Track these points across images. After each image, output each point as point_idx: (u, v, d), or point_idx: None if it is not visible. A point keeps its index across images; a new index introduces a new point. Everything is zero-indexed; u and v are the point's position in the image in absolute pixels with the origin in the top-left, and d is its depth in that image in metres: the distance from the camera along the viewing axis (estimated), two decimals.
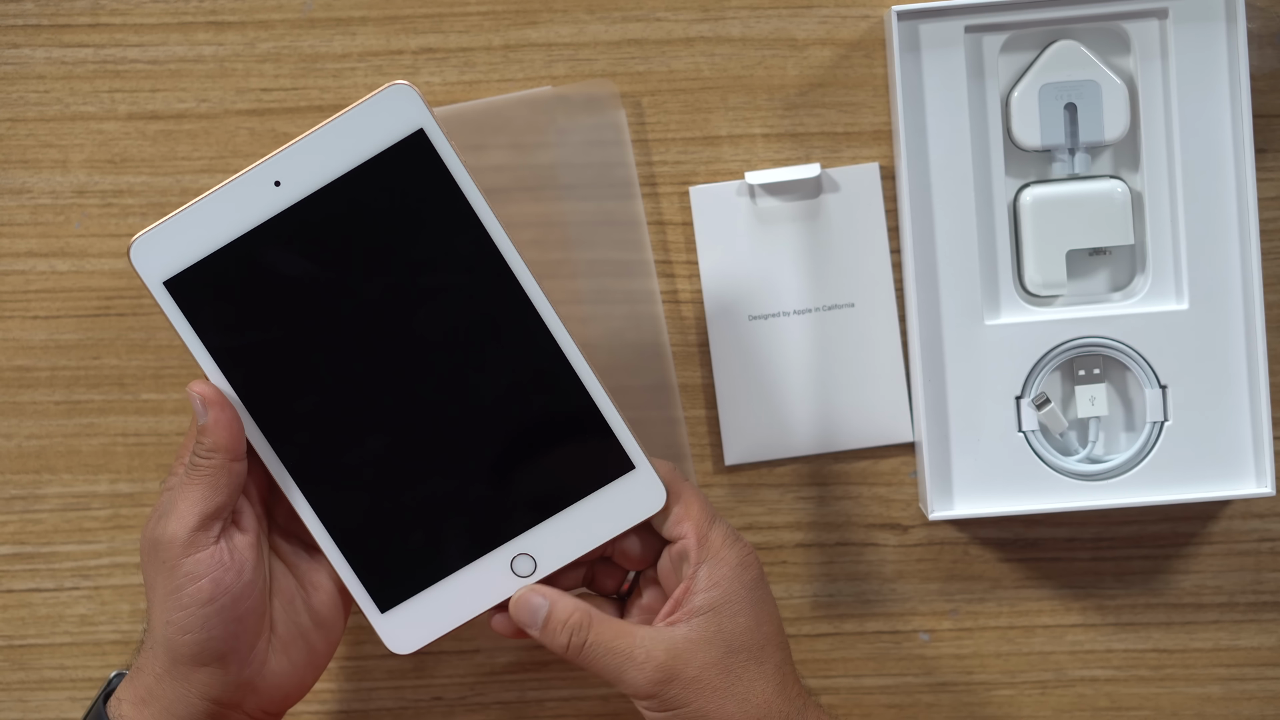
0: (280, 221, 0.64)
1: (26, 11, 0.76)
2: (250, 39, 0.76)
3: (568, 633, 0.65)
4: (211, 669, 0.64)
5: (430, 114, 0.63)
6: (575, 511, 0.66)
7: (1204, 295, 0.73)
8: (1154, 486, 0.74)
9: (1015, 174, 0.75)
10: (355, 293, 0.64)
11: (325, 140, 0.63)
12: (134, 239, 0.64)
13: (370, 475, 0.66)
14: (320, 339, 0.65)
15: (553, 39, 0.76)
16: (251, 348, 0.65)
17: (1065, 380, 0.75)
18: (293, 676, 0.67)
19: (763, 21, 0.75)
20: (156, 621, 0.64)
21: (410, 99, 0.63)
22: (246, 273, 0.64)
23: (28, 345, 0.77)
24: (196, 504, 0.64)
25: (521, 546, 0.66)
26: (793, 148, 0.76)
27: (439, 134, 0.63)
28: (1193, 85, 0.73)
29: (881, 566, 0.78)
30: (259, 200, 0.64)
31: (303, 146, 0.63)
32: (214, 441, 0.64)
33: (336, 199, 0.64)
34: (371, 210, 0.64)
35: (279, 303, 0.64)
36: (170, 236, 0.64)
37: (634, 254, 0.76)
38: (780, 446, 0.76)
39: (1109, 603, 0.77)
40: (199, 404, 0.64)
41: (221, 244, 0.64)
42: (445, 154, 0.63)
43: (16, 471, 0.77)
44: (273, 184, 0.64)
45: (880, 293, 0.76)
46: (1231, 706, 0.78)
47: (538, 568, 0.66)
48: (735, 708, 0.64)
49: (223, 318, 0.65)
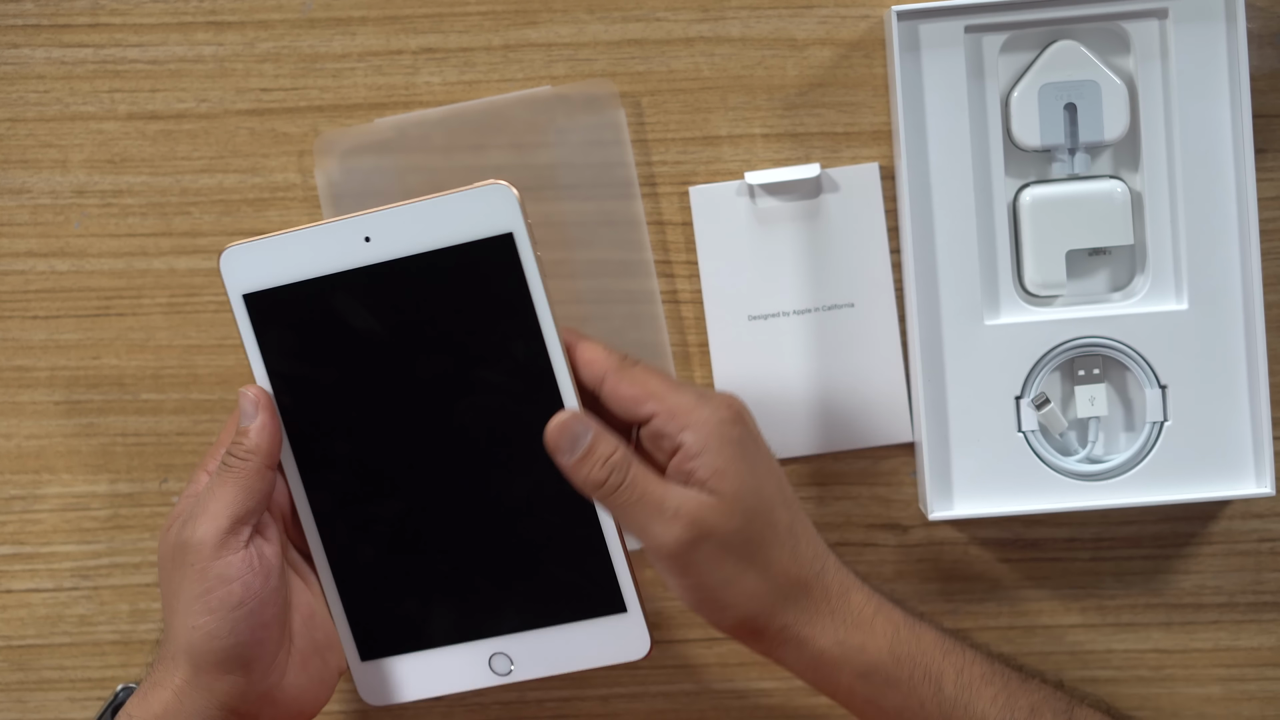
0: (361, 274, 0.65)
1: (26, 11, 0.76)
2: (250, 39, 0.76)
3: (607, 469, 0.62)
4: (235, 677, 0.64)
5: (524, 220, 0.64)
6: (560, 632, 0.67)
7: (1204, 295, 0.73)
8: (1154, 487, 0.74)
9: (1015, 174, 0.75)
10: (410, 362, 0.66)
11: (422, 213, 0.65)
12: (227, 247, 0.66)
13: (380, 531, 0.67)
14: (367, 392, 0.66)
15: (553, 39, 0.76)
16: (304, 379, 0.66)
17: (1065, 380, 0.75)
18: (308, 692, 0.67)
19: (763, 21, 0.75)
20: (179, 628, 0.64)
21: (509, 202, 0.64)
22: (318, 311, 0.66)
23: (27, 345, 0.77)
24: (229, 506, 0.64)
25: (502, 646, 0.68)
26: (793, 148, 0.76)
27: (526, 242, 0.64)
28: (1192, 85, 0.73)
29: (881, 567, 0.77)
30: (348, 248, 0.65)
31: (401, 213, 0.65)
32: (255, 444, 0.64)
33: (417, 270, 0.65)
34: (445, 291, 0.65)
35: (339, 347, 0.66)
36: (260, 255, 0.66)
37: (634, 254, 0.76)
38: (780, 446, 0.76)
39: (1109, 603, 0.77)
40: (249, 404, 0.65)
41: (304, 277, 0.65)
42: (527, 263, 0.64)
43: (16, 471, 0.77)
44: (364, 238, 0.65)
45: (880, 293, 0.76)
46: (1231, 707, 0.78)
47: (514, 670, 0.68)
48: (755, 578, 0.63)
49: (286, 344, 0.66)
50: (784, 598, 0.64)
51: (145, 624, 0.78)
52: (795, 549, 0.64)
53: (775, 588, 0.63)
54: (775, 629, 0.64)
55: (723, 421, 0.63)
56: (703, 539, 0.62)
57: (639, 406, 0.63)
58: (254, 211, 0.76)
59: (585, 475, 0.63)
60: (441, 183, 0.75)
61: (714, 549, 0.62)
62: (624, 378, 0.63)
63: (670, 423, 0.63)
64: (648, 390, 0.63)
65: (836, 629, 0.64)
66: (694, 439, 0.62)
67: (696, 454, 0.62)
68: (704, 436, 0.62)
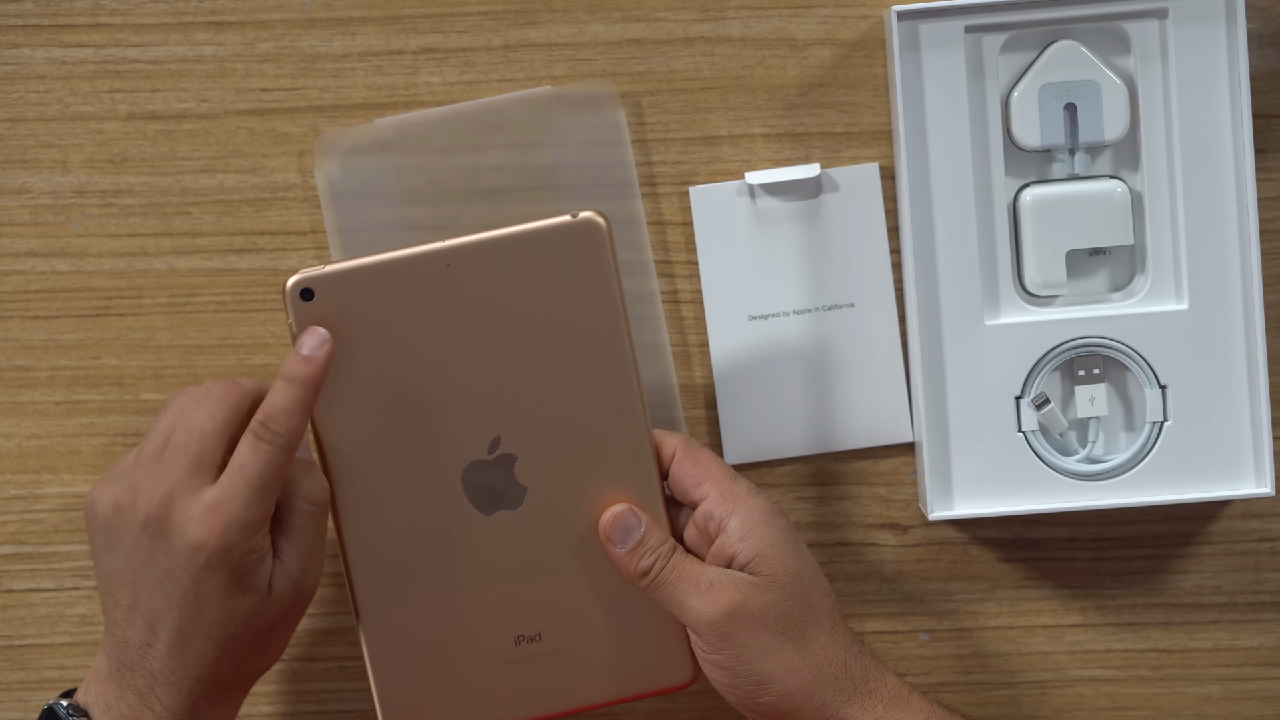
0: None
1: (27, 11, 0.76)
2: (250, 39, 0.76)
3: (654, 557, 0.65)
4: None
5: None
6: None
7: (1204, 295, 0.73)
8: (1154, 486, 0.74)
9: (1015, 174, 0.75)
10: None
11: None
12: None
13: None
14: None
15: (553, 39, 0.76)
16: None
17: (1065, 380, 0.75)
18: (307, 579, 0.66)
19: (763, 21, 0.75)
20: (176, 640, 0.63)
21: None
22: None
23: (28, 345, 0.77)
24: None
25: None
26: (793, 148, 0.76)
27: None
28: (1192, 85, 0.73)
29: (881, 566, 0.78)
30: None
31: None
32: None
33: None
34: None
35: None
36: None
37: (634, 254, 0.76)
38: (780, 446, 0.76)
39: (1109, 603, 0.77)
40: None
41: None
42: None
43: (16, 471, 0.77)
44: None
45: (880, 293, 0.76)
46: (1231, 706, 0.78)
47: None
48: (794, 652, 0.64)
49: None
50: (823, 675, 0.65)
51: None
52: (834, 630, 0.66)
53: (814, 664, 0.64)
54: (813, 707, 0.64)
55: (768, 511, 0.66)
56: (740, 609, 0.64)
57: (696, 487, 0.66)
58: (254, 211, 0.76)
59: (635, 565, 0.65)
60: (442, 183, 0.75)
61: (752, 621, 0.64)
62: (689, 458, 0.67)
63: (720, 505, 0.66)
64: (707, 472, 0.66)
65: (875, 706, 0.65)
66: (739, 524, 0.65)
67: (740, 538, 0.65)
68: (750, 523, 0.65)
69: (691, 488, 0.66)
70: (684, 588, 0.64)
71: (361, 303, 0.64)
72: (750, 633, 0.64)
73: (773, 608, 0.64)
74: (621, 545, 0.66)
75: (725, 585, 0.64)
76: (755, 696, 0.64)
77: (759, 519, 0.65)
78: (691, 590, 0.64)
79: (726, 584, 0.64)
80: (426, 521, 0.66)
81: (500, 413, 0.65)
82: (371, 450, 0.65)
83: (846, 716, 0.64)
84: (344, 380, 0.64)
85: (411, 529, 0.66)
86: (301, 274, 0.64)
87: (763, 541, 0.65)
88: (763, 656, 0.64)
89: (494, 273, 0.65)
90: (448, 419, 0.65)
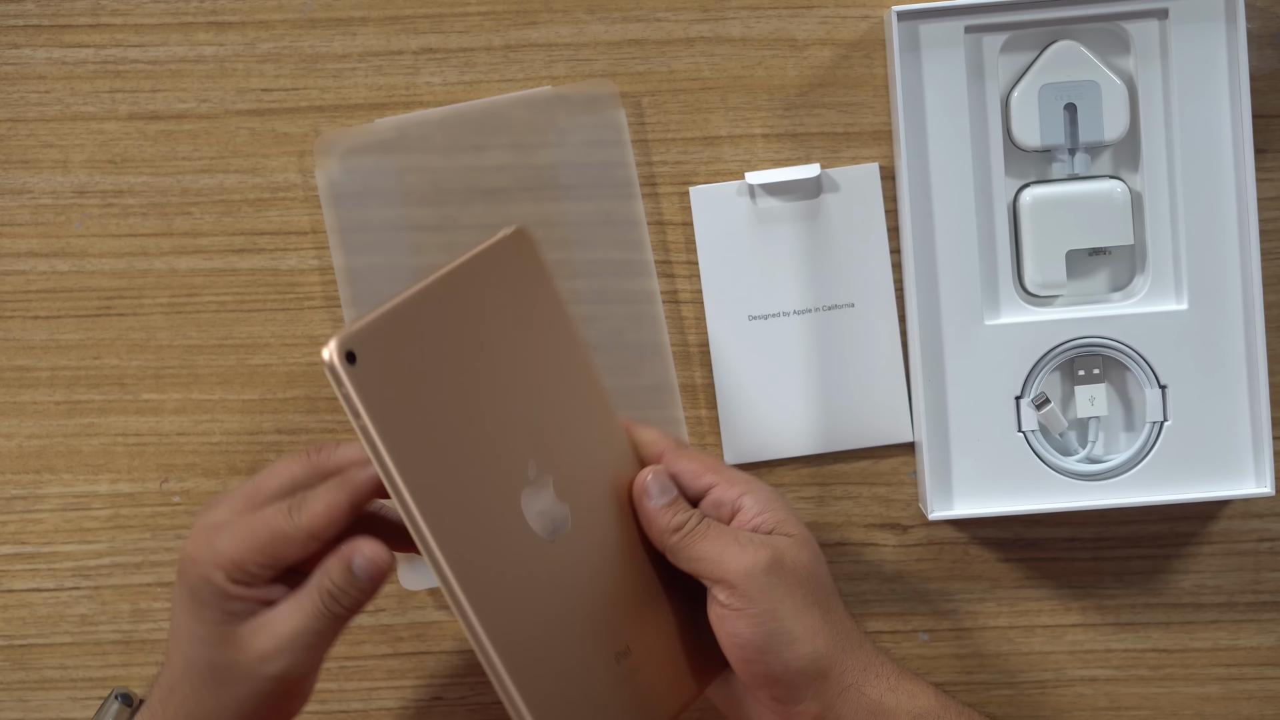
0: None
1: (27, 12, 0.76)
2: (251, 39, 0.76)
3: (687, 514, 0.65)
4: None
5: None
6: None
7: (1203, 295, 0.73)
8: (1153, 486, 0.74)
9: (1015, 174, 0.75)
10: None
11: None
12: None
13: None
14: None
15: (553, 39, 0.76)
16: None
17: (1065, 380, 0.75)
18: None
19: (763, 21, 0.75)
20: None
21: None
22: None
23: (28, 345, 0.77)
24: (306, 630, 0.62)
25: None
26: (793, 148, 0.76)
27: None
28: (1192, 85, 0.73)
29: (881, 566, 0.78)
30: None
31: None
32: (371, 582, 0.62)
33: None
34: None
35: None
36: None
37: (634, 254, 0.76)
38: (780, 446, 0.76)
39: (1108, 602, 0.78)
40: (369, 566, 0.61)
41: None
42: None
43: (17, 471, 0.78)
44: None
45: (880, 293, 0.76)
46: (1230, 706, 0.78)
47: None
48: (820, 617, 0.64)
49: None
50: (844, 643, 0.65)
51: (146, 624, 0.78)
52: (843, 607, 0.66)
53: (836, 631, 0.65)
54: (838, 673, 0.64)
55: (775, 491, 0.67)
56: (779, 561, 0.64)
57: (699, 478, 0.66)
58: (255, 212, 0.76)
59: (669, 519, 0.65)
60: (442, 183, 0.75)
61: (790, 575, 0.64)
62: (683, 454, 0.67)
63: (730, 490, 0.66)
64: (706, 465, 0.67)
65: (887, 678, 0.65)
66: (754, 500, 0.66)
67: (759, 511, 0.65)
68: (764, 498, 0.66)
69: (694, 480, 0.66)
70: (723, 540, 0.64)
71: (398, 353, 0.60)
72: (788, 586, 0.63)
73: (806, 567, 0.64)
74: (659, 499, 0.65)
75: (763, 540, 0.64)
76: (785, 659, 0.63)
77: (771, 495, 0.66)
78: (731, 541, 0.64)
79: (763, 540, 0.64)
80: (516, 560, 0.62)
81: (525, 435, 0.63)
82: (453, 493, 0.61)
83: (864, 686, 0.64)
84: (413, 428, 0.60)
85: (514, 571, 0.62)
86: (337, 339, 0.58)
87: (782, 511, 0.66)
88: (796, 614, 0.63)
89: (467, 302, 0.62)
90: (493, 449, 0.62)
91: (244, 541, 0.61)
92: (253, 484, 0.64)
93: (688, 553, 0.64)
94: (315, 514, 0.61)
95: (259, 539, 0.61)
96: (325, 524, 0.61)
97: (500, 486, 0.62)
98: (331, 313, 0.76)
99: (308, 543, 0.61)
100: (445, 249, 0.75)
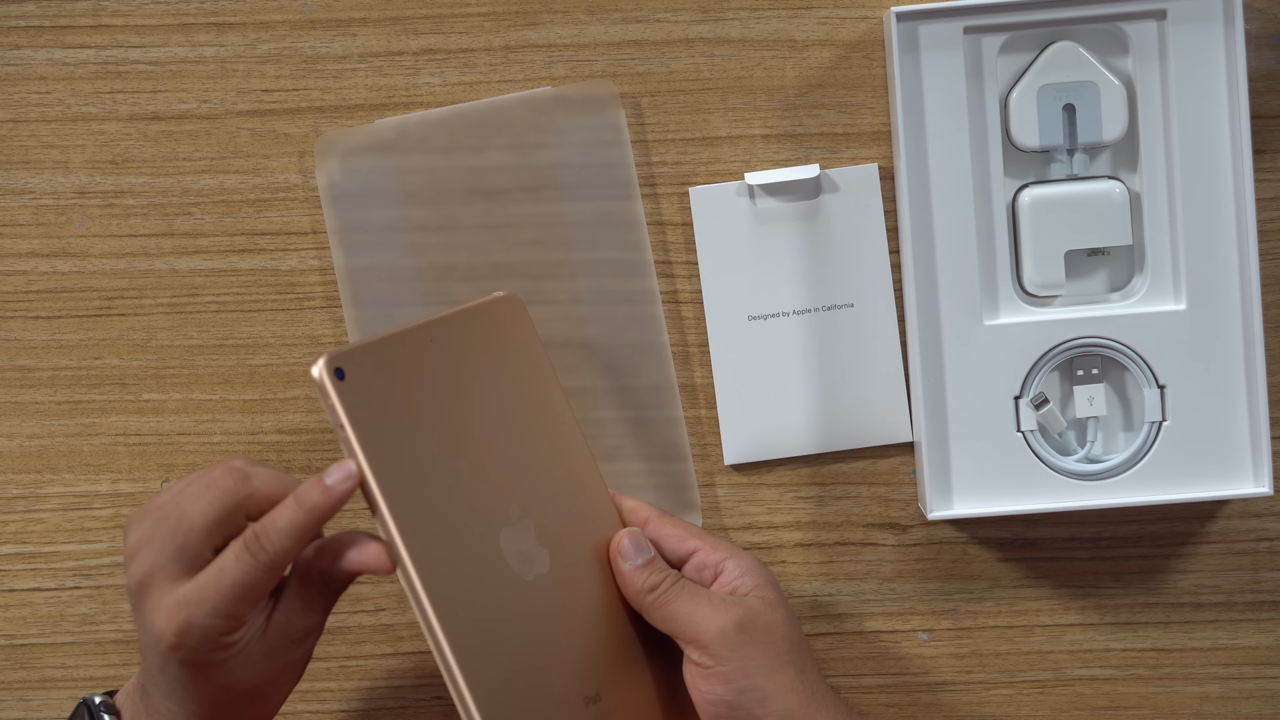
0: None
1: (28, 13, 0.76)
2: (251, 40, 0.76)
3: (662, 574, 0.66)
4: None
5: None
6: None
7: (1202, 295, 0.73)
8: (1152, 486, 0.74)
9: (1014, 174, 0.75)
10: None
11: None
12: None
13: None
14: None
15: (553, 40, 0.76)
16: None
17: (1064, 380, 0.75)
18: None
19: (763, 22, 0.75)
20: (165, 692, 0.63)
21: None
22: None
23: (29, 345, 0.77)
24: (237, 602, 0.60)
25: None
26: (792, 148, 0.76)
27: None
28: (1191, 86, 0.73)
29: (880, 566, 0.78)
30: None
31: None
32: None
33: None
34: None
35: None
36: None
37: (634, 254, 0.76)
38: (780, 446, 0.76)
39: (1107, 602, 0.78)
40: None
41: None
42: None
43: (18, 471, 0.78)
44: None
45: (879, 293, 0.76)
46: (1229, 705, 0.78)
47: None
48: (794, 676, 0.65)
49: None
50: (818, 702, 0.65)
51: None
52: (820, 671, 0.67)
53: (810, 691, 0.65)
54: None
55: (756, 560, 0.68)
56: (752, 621, 0.65)
57: (684, 542, 0.68)
58: (255, 212, 0.77)
59: (644, 579, 0.66)
60: (443, 183, 0.75)
61: (762, 634, 0.65)
62: (667, 521, 0.69)
63: (713, 554, 0.67)
64: (690, 531, 0.68)
65: None
66: (736, 565, 0.67)
67: (741, 575, 0.67)
68: (746, 564, 0.67)
69: (678, 544, 0.68)
70: (696, 600, 0.65)
71: (386, 379, 0.62)
72: (759, 645, 0.64)
73: (780, 628, 0.65)
74: (634, 560, 0.66)
75: (736, 601, 0.65)
76: (757, 716, 0.64)
77: (753, 561, 0.68)
78: (704, 602, 0.65)
79: (737, 600, 0.66)
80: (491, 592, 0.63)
81: (509, 478, 0.65)
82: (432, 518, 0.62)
83: None
84: (395, 447, 0.61)
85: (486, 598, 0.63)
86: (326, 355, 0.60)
87: (762, 577, 0.67)
88: (768, 672, 0.64)
89: (458, 346, 0.64)
90: (476, 484, 0.64)
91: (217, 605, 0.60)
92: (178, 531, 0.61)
93: (662, 613, 0.66)
94: (284, 550, 0.60)
95: (230, 597, 0.60)
96: (298, 551, 0.61)
97: (481, 519, 0.63)
98: (332, 313, 0.76)
99: (277, 577, 0.61)
100: (445, 249, 0.75)
